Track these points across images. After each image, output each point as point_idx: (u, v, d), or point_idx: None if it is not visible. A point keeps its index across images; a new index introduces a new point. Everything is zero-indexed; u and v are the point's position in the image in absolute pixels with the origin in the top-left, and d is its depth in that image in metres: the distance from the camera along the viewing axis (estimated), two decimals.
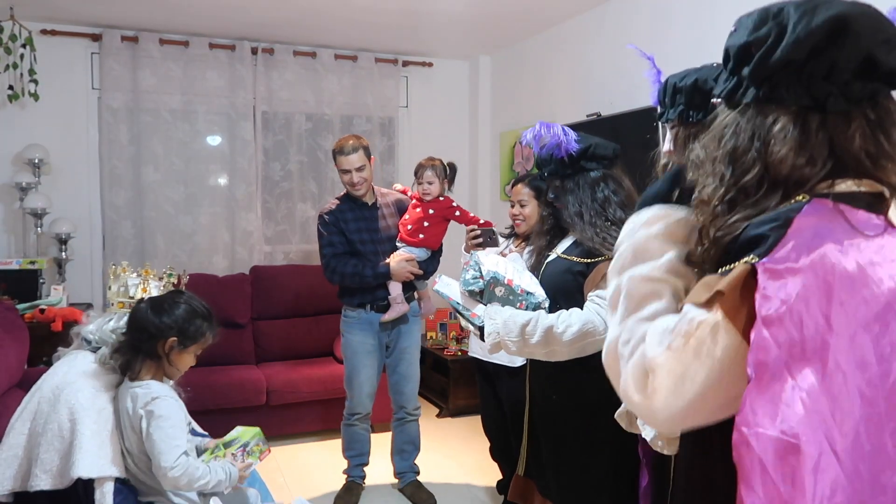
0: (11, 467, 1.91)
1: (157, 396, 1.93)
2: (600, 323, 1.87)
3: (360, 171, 3.07)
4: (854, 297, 0.80)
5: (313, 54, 4.79)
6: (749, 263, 0.83)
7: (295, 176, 4.85)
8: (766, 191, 0.91)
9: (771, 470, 0.79)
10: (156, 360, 1.98)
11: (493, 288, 1.96)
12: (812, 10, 0.86)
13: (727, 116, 0.96)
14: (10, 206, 4.22)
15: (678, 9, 3.37)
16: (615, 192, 2.01)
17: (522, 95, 4.78)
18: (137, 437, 1.93)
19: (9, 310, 2.85)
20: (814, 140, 0.88)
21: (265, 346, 4.45)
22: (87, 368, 2.01)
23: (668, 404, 0.88)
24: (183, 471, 1.87)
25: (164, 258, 4.47)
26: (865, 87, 0.87)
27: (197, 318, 2.00)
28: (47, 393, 1.95)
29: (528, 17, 4.20)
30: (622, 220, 1.87)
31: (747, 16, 0.95)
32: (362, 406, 3.22)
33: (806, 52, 0.86)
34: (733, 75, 0.95)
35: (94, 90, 4.39)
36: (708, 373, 0.86)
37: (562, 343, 1.89)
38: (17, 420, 1.97)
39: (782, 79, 0.88)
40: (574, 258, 2.01)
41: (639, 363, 0.92)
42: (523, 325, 1.90)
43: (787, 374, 0.79)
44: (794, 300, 0.79)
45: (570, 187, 2.04)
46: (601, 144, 2.05)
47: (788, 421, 0.78)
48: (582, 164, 2.03)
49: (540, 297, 1.99)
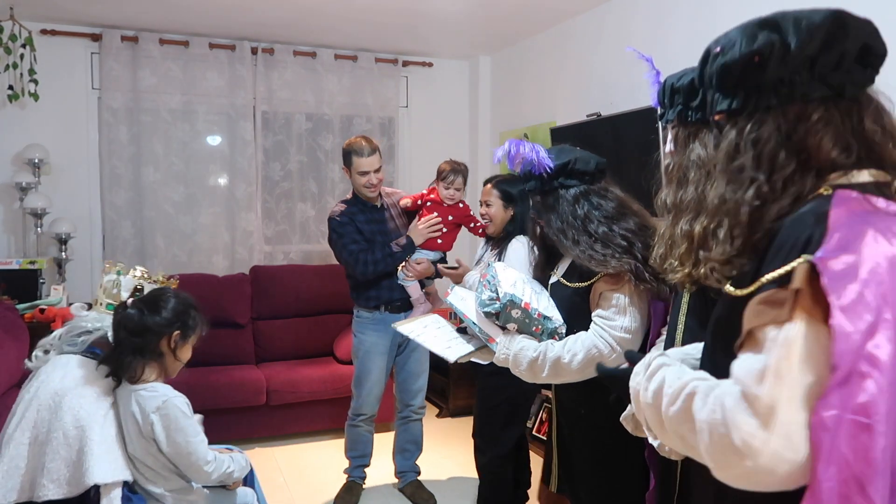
0: (14, 478, 1.87)
1: (167, 398, 1.92)
2: (604, 346, 1.84)
3: (378, 172, 3.07)
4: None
5: (313, 54, 4.79)
6: (807, 261, 0.84)
7: (295, 176, 4.85)
8: (799, 183, 0.94)
9: (845, 449, 0.80)
10: (159, 360, 1.98)
11: (510, 310, 1.91)
12: (806, 13, 0.93)
13: (746, 127, 0.97)
14: (10, 206, 4.22)
15: (678, 8, 3.37)
16: (598, 206, 1.93)
17: (522, 95, 4.78)
18: (145, 441, 1.91)
19: (9, 310, 2.85)
20: (841, 128, 0.93)
21: (265, 346, 4.45)
22: (84, 373, 1.97)
23: (799, 437, 0.83)
24: (215, 465, 1.93)
25: (164, 258, 4.47)
26: (865, 72, 0.94)
27: (190, 308, 2.02)
28: (46, 400, 1.90)
29: (528, 17, 4.20)
30: (606, 236, 1.86)
31: (725, 36, 0.99)
32: (369, 407, 3.22)
33: (818, 45, 0.91)
34: (737, 89, 0.97)
35: (94, 90, 4.39)
36: (809, 377, 0.83)
37: (571, 371, 1.87)
38: (16, 430, 1.91)
39: (799, 76, 0.93)
40: (575, 284, 1.97)
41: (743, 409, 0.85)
42: (532, 360, 1.88)
43: (862, 359, 0.80)
44: (861, 286, 0.81)
45: (551, 203, 1.98)
46: (582, 159, 1.97)
47: (862, 400, 0.80)
48: (561, 181, 1.97)
49: (557, 321, 1.94)
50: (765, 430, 0.82)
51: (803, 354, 0.83)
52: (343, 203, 3.19)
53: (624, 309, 1.84)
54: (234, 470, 1.97)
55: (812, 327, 0.83)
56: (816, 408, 0.81)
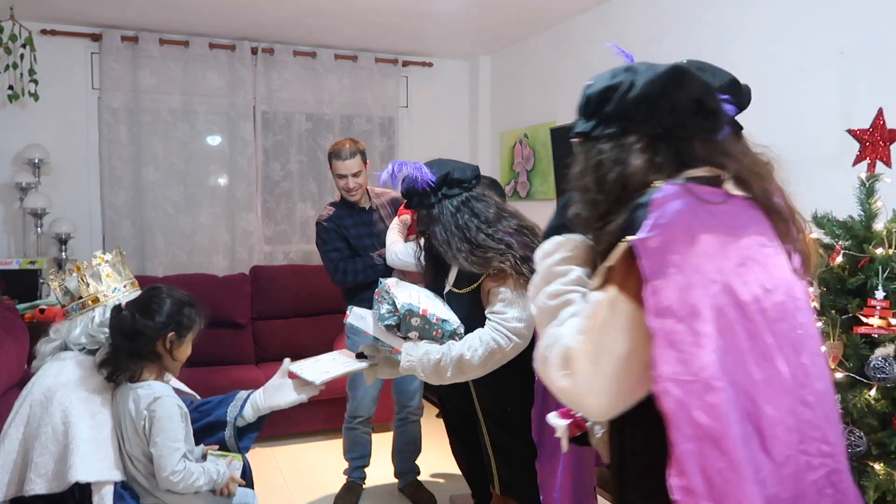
0: (8, 473, 1.88)
1: (160, 396, 1.92)
2: (502, 339, 1.99)
3: (356, 176, 3.04)
4: (720, 248, 1.00)
5: (313, 54, 4.79)
6: (627, 242, 1.00)
7: (295, 176, 4.85)
8: (627, 196, 1.09)
9: (695, 411, 0.92)
10: (156, 361, 1.98)
11: (410, 319, 2.05)
12: (657, 65, 1.12)
13: (591, 150, 1.15)
14: (10, 206, 4.22)
15: (677, 9, 3.37)
16: (478, 212, 2.10)
17: (522, 95, 4.78)
18: (140, 439, 1.92)
19: (9, 310, 2.84)
20: (662, 156, 1.10)
21: (265, 346, 4.44)
22: (79, 370, 1.97)
23: (593, 384, 1.00)
24: (181, 476, 1.88)
25: (164, 258, 4.48)
26: (696, 119, 1.11)
27: (185, 307, 2.00)
28: (38, 396, 1.91)
29: (528, 17, 4.20)
30: (485, 241, 2.03)
31: (599, 76, 1.19)
32: (365, 409, 3.22)
33: (658, 90, 1.09)
34: (593, 117, 1.16)
35: (94, 90, 4.39)
36: (619, 344, 0.99)
37: (473, 367, 2.01)
38: (10, 426, 1.93)
39: (638, 114, 1.10)
40: (464, 290, 2.12)
41: (559, 353, 1.05)
42: (437, 361, 2.03)
43: (683, 324, 0.94)
44: (672, 259, 0.96)
45: (436, 215, 2.13)
46: (458, 168, 2.15)
47: (698, 364, 0.93)
48: (444, 193, 2.13)
49: (454, 323, 2.09)
50: None
51: (604, 322, 1.01)
52: (331, 206, 3.19)
53: (512, 301, 2.00)
54: (202, 484, 1.92)
55: (622, 297, 1.00)
56: (654, 377, 0.95)
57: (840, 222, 2.02)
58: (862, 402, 1.84)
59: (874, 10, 2.51)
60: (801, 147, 2.74)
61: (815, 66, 2.72)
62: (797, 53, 2.79)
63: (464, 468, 2.89)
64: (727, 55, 3.06)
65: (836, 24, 2.64)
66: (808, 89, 2.75)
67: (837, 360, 1.90)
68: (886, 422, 1.85)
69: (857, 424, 1.86)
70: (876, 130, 2.00)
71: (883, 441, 1.83)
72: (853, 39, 2.57)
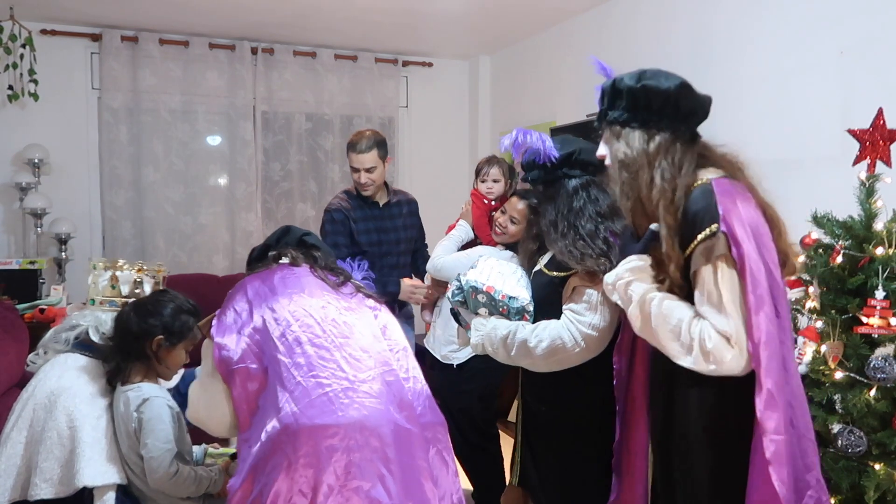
0: (10, 478, 1.87)
1: (148, 398, 1.90)
2: (569, 339, 1.84)
3: (370, 172, 2.89)
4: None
5: (313, 54, 4.79)
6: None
7: (295, 176, 4.85)
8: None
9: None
10: (145, 362, 1.97)
11: (476, 296, 1.98)
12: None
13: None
14: (10, 206, 4.22)
15: (678, 8, 3.37)
16: (595, 199, 1.92)
17: (522, 95, 4.78)
18: (133, 441, 1.90)
19: (9, 310, 2.84)
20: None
21: None
22: (82, 373, 1.97)
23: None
24: (173, 479, 1.85)
25: (164, 258, 4.46)
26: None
27: (182, 314, 1.99)
28: (42, 399, 1.90)
29: (528, 17, 4.20)
30: (590, 234, 1.86)
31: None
32: None
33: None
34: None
35: (93, 90, 4.39)
36: None
37: (535, 357, 1.89)
38: (13, 429, 1.91)
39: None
40: (553, 273, 1.97)
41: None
42: (503, 337, 1.93)
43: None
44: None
45: (551, 194, 1.97)
46: (587, 149, 1.94)
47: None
48: (564, 171, 1.95)
49: (523, 300, 1.96)
50: None
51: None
52: (345, 194, 3.03)
53: (595, 306, 1.85)
54: (193, 491, 1.91)
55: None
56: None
57: (840, 222, 2.02)
58: (862, 402, 1.83)
59: (874, 10, 2.50)
60: (802, 147, 2.74)
61: (815, 66, 2.72)
62: (797, 53, 2.79)
63: (465, 468, 2.89)
64: (727, 55, 3.06)
65: (836, 24, 2.64)
66: (808, 89, 2.75)
67: (837, 360, 1.90)
68: (886, 422, 1.85)
69: (857, 424, 1.87)
70: (876, 130, 2.00)
71: (883, 441, 1.83)
72: (853, 39, 2.57)
